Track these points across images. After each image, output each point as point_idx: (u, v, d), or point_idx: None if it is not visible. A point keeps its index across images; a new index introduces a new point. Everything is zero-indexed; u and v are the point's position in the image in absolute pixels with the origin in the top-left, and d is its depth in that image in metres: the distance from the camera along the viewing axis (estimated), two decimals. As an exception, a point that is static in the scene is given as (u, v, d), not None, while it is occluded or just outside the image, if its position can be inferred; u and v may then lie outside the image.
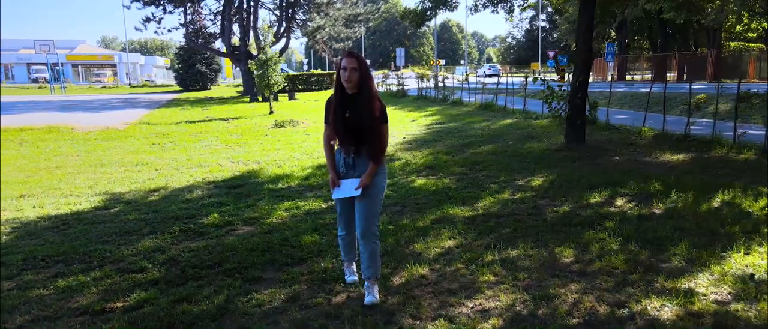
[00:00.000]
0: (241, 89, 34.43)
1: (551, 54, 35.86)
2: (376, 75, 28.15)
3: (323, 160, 8.75)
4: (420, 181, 6.88)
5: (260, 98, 24.36)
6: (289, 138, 11.97)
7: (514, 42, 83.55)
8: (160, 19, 29.53)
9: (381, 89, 28.68)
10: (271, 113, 17.33)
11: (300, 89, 32.81)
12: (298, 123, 14.24)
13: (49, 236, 5.06)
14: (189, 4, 29.55)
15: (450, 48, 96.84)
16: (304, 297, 3.47)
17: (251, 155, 9.66)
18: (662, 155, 8.11)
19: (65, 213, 5.94)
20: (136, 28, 45.04)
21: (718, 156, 7.93)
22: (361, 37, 41.15)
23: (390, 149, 9.82)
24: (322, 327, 3.05)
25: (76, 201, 6.51)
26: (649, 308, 3.13)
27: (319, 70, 43.77)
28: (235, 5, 29.43)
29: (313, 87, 34.00)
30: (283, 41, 30.72)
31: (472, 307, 3.23)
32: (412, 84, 27.11)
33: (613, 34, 38.46)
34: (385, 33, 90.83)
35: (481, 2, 16.88)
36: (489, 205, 5.56)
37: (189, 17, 30.37)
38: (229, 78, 59.93)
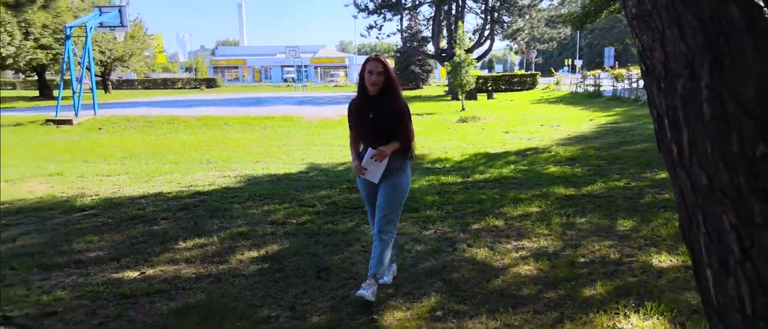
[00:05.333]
0: (447, 88, 36.85)
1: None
2: (590, 75, 27.59)
3: (483, 150, 10.11)
4: (552, 169, 7.81)
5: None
6: (465, 131, 13.48)
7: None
8: (381, 26, 33.43)
9: (578, 90, 28.23)
10: (463, 110, 18.99)
11: (503, 89, 33.89)
12: (480, 119, 15.62)
13: (266, 185, 7.45)
14: (405, 12, 32.83)
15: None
16: (408, 230, 5.01)
17: (427, 143, 11.42)
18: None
19: (280, 173, 8.40)
20: (361, 35, 51.05)
21: None
22: (567, 37, 40.23)
23: (547, 143, 10.67)
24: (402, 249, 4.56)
25: (289, 167, 9.00)
26: (652, 259, 3.94)
27: (521, 71, 44.13)
28: (445, 10, 31.78)
29: (516, 87, 34.75)
30: (487, 44, 32.18)
31: (514, 245, 4.41)
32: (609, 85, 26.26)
33: None
34: (605, 31, 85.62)
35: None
36: (594, 189, 6.36)
37: (405, 23, 33.77)
38: (443, 78, 63.52)
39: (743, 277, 1.67)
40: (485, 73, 60.42)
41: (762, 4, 1.68)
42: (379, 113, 3.36)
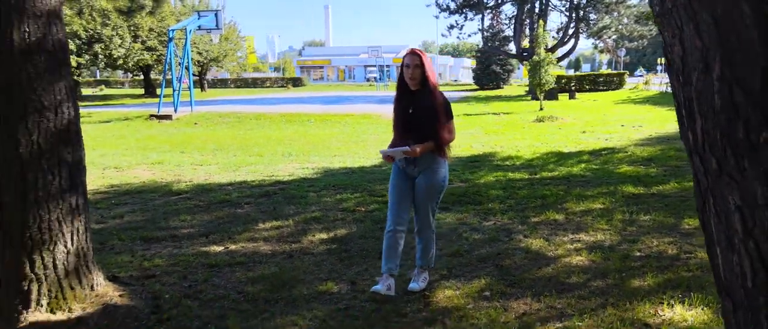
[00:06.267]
0: (527, 88, 36.16)
1: None
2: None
3: (556, 149, 10.06)
4: (625, 168, 7.68)
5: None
6: (540, 131, 13.35)
7: None
8: (462, 25, 33.40)
9: (669, 89, 26.74)
10: (541, 109, 18.69)
11: (587, 89, 32.76)
12: (557, 119, 15.36)
13: (341, 176, 7.90)
14: (487, 11, 32.59)
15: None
16: (469, 220, 5.23)
17: (499, 141, 11.48)
18: None
19: (355, 167, 8.84)
20: (442, 35, 51.14)
21: None
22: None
23: (624, 143, 10.41)
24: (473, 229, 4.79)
25: (363, 161, 9.43)
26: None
27: (608, 70, 42.30)
28: (528, 9, 31.22)
29: (601, 87, 33.46)
30: (571, 42, 31.25)
31: (570, 237, 4.52)
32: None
33: None
34: (709, 28, 79.72)
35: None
36: (666, 189, 6.24)
37: (487, 23, 33.52)
38: (525, 78, 62.23)
39: (746, 254, 1.81)
40: (570, 72, 58.43)
41: None
42: (418, 109, 3.32)
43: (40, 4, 3.05)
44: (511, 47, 35.27)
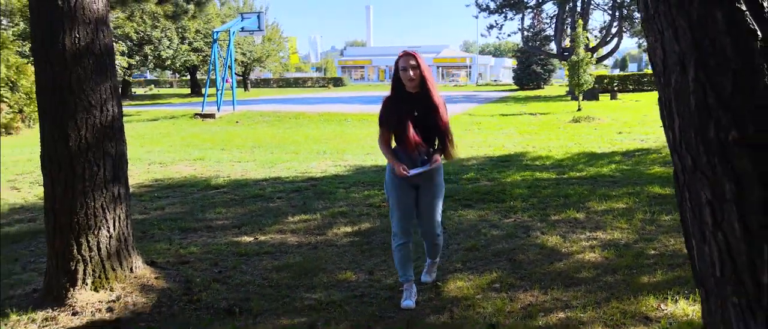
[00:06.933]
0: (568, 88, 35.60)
1: None
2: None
3: (589, 149, 10.01)
4: (656, 169, 7.61)
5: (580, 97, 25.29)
6: (575, 131, 13.24)
7: None
8: (501, 25, 33.17)
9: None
10: (579, 110, 18.46)
11: (630, 89, 31.98)
12: (595, 120, 15.16)
13: (371, 174, 8.13)
14: (528, 11, 32.26)
15: None
16: (490, 217, 5.37)
17: (532, 142, 11.48)
18: None
19: (386, 164, 9.04)
20: (481, 35, 50.85)
21: None
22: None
23: (660, 144, 10.25)
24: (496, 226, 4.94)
25: (395, 159, 9.63)
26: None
27: (649, 70, 41.12)
28: (569, 8, 30.74)
29: (646, 87, 32.57)
30: (614, 42, 30.58)
31: (587, 235, 4.60)
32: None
33: None
34: None
35: None
36: (694, 189, 6.18)
37: (528, 22, 33.19)
38: (567, 78, 61.23)
39: (715, 246, 1.93)
40: (616, 72, 56.93)
41: (744, 8, 1.95)
42: (422, 111, 3.24)
43: (89, 12, 3.39)
44: (552, 47, 34.78)
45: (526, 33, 33.24)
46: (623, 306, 3.20)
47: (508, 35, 38.99)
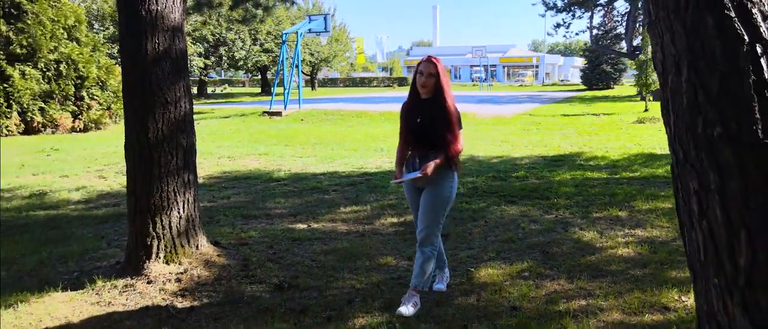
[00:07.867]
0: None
1: None
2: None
3: (648, 151, 9.85)
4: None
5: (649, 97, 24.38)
6: (638, 132, 12.93)
7: None
8: (569, 24, 32.41)
9: None
10: (645, 111, 17.89)
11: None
12: (658, 120, 14.68)
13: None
14: (597, 8, 31.36)
15: None
16: (532, 213, 5.54)
17: (590, 142, 11.36)
18: None
19: (439, 162, 9.31)
20: (547, 34, 49.61)
21: None
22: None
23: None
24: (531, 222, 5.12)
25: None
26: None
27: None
28: (641, 5, 29.59)
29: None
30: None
31: (625, 232, 4.70)
32: None
33: None
34: None
35: None
36: (749, 192, 6.05)
37: (598, 20, 32.27)
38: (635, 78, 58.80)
39: (700, 232, 2.13)
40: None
41: (733, 15, 2.14)
42: (427, 118, 3.23)
43: (168, 21, 3.91)
44: (623, 45, 33.61)
45: (595, 31, 32.31)
46: (645, 296, 3.35)
47: (576, 34, 37.77)
